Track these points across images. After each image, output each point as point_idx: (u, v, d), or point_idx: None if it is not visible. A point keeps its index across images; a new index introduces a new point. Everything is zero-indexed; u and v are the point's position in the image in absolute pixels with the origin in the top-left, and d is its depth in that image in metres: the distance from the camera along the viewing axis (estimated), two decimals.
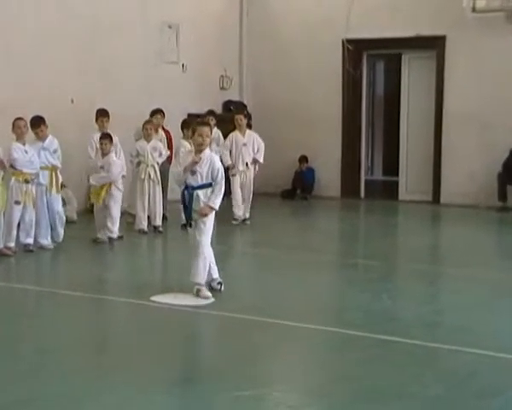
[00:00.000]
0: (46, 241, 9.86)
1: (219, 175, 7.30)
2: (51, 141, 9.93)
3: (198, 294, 7.27)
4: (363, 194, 16.15)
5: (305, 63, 15.75)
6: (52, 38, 11.98)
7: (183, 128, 11.38)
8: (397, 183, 15.87)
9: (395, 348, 5.98)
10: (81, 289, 7.76)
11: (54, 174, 9.91)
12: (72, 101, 12.39)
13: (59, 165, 9.99)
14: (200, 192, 7.26)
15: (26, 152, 9.48)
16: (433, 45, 14.87)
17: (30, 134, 9.75)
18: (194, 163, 7.25)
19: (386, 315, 6.96)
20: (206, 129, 7.33)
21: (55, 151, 9.93)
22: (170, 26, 14.50)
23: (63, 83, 12.11)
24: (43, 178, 9.80)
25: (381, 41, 15.25)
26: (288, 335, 6.36)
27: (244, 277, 8.94)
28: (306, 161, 15.90)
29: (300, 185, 15.85)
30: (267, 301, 7.37)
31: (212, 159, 7.37)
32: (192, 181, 7.27)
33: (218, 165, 7.36)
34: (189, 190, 7.26)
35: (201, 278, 7.30)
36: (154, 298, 7.27)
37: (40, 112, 10.19)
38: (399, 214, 14.76)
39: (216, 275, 7.62)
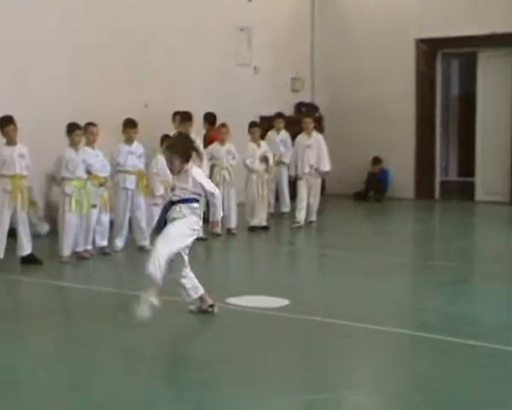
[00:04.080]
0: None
1: None
2: (137, 146, 10.08)
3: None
4: (437, 195, 15.87)
5: (377, 63, 15.58)
6: (127, 38, 12.23)
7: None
8: (473, 183, 15.55)
9: (475, 352, 5.83)
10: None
11: (141, 179, 10.02)
12: (146, 105, 12.52)
13: (144, 169, 10.11)
14: None
15: (97, 156, 9.62)
16: (510, 43, 14.51)
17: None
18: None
19: (464, 318, 6.81)
20: (166, 153, 6.90)
21: (141, 156, 10.07)
22: (242, 29, 14.55)
23: (137, 87, 12.28)
24: (130, 183, 9.94)
25: (456, 40, 14.96)
26: (363, 337, 6.27)
27: (317, 279, 8.88)
28: (380, 162, 15.74)
29: (373, 187, 15.68)
30: (340, 304, 7.29)
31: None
32: None
33: None
34: None
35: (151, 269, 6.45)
36: (229, 300, 7.29)
37: (114, 117, 10.37)
38: (476, 216, 14.46)
39: (197, 295, 6.80)
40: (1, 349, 6.04)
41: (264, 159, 11.69)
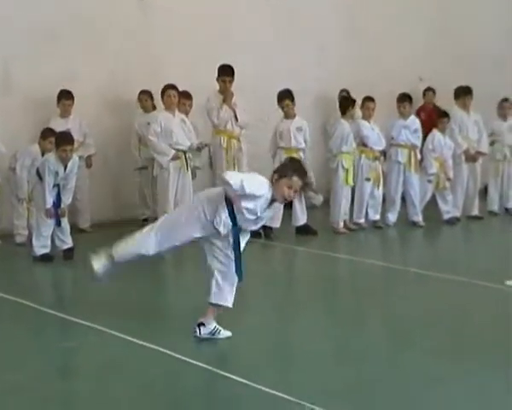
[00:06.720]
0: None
1: None
2: (413, 120, 9.96)
3: None
4: None
5: None
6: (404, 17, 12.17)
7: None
8: None
9: None
10: (428, 268, 7.64)
11: (413, 153, 9.87)
12: (421, 79, 12.33)
13: (418, 144, 9.94)
14: None
15: (373, 130, 9.60)
16: None
17: None
18: None
19: None
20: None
21: (415, 131, 9.91)
22: None
23: (413, 61, 12.13)
24: (402, 156, 9.86)
25: None
26: None
27: None
28: None
29: None
30: None
31: None
32: None
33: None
34: None
35: None
36: (509, 282, 6.94)
37: (388, 89, 10.39)
38: None
39: None
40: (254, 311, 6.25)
41: None
